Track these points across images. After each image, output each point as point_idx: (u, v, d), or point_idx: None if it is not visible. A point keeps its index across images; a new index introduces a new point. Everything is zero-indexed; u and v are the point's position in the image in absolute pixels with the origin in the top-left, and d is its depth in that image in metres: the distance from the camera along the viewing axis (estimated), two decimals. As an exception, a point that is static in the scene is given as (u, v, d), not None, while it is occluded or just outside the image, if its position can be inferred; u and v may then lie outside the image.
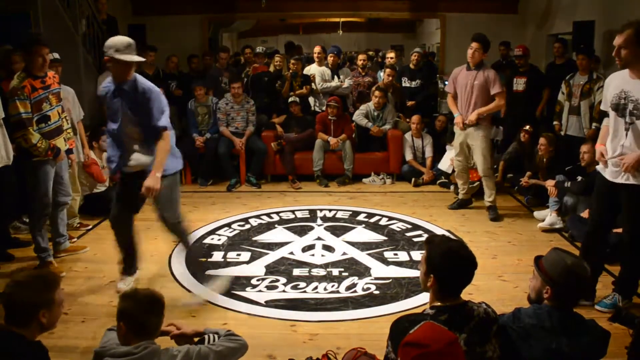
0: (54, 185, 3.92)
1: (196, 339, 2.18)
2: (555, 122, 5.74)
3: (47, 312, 1.93)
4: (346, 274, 3.87)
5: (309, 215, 5.21)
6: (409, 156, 6.57)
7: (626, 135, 3.02)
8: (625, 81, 3.00)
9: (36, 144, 3.61)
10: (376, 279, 3.78)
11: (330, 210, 5.35)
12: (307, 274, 3.86)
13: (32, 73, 3.64)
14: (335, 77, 6.93)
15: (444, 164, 6.25)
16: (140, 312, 1.92)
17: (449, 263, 1.89)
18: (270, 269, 3.95)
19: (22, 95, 3.55)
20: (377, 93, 6.50)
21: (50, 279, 2.01)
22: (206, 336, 2.14)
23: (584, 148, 4.62)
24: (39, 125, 3.68)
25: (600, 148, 3.25)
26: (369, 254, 4.21)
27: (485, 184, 5.14)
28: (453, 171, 6.03)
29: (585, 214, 4.42)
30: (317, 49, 7.27)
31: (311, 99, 7.07)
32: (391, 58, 7.52)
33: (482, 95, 4.89)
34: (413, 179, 6.38)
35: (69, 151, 4.08)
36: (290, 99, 6.75)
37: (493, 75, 4.90)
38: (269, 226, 4.90)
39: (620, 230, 3.84)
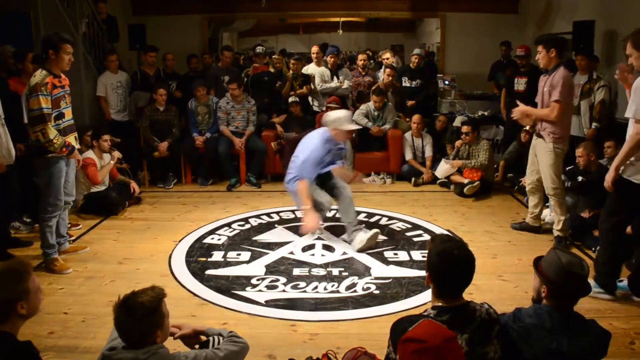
0: None
1: (202, 338, 2.19)
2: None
3: (24, 303, 1.89)
4: (346, 273, 3.87)
5: (309, 215, 5.20)
6: (408, 156, 6.57)
7: None
8: None
9: (53, 139, 3.72)
10: (376, 278, 3.78)
11: (330, 210, 5.34)
12: (307, 274, 3.86)
13: (51, 71, 3.77)
14: (335, 77, 6.93)
15: (439, 171, 6.13)
16: (123, 324, 1.87)
17: (442, 263, 1.89)
18: (270, 269, 3.95)
19: (45, 91, 3.68)
20: (374, 98, 6.48)
21: (20, 270, 1.95)
22: (211, 338, 2.14)
23: (578, 152, 4.62)
24: (56, 122, 3.80)
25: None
26: (369, 254, 4.21)
27: (553, 207, 4.45)
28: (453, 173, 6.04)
29: (585, 214, 4.42)
30: (314, 49, 7.28)
31: (309, 98, 7.07)
32: (387, 58, 7.52)
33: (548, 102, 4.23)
34: (413, 179, 6.37)
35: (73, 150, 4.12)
36: (290, 99, 6.75)
37: (557, 80, 4.11)
38: (269, 226, 4.90)
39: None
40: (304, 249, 4.32)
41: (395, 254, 4.23)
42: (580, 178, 4.62)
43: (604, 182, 3.27)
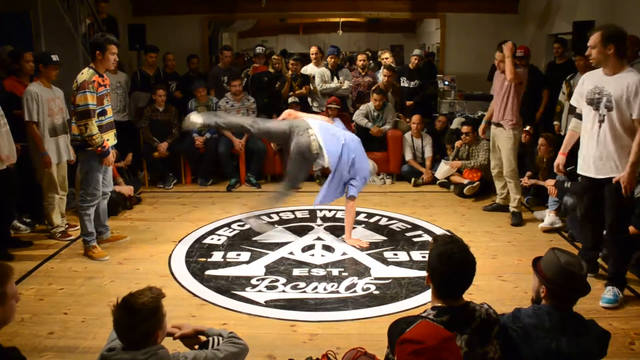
0: None
1: (202, 339, 2.19)
2: (555, 122, 5.74)
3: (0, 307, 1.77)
4: (346, 274, 3.87)
5: (308, 215, 5.21)
6: (408, 156, 6.57)
7: (600, 126, 3.32)
8: (599, 79, 3.33)
9: (94, 135, 3.94)
10: (376, 279, 3.78)
11: (330, 210, 5.35)
12: (307, 274, 3.86)
13: (97, 70, 4.01)
14: (335, 78, 6.93)
15: (439, 173, 6.16)
16: (124, 325, 1.85)
17: (443, 265, 1.88)
18: (270, 269, 3.95)
19: (92, 88, 3.93)
20: (375, 96, 6.50)
21: (0, 272, 1.82)
22: (210, 339, 2.14)
23: None
24: (99, 118, 4.03)
25: (560, 159, 3.77)
26: (368, 254, 4.21)
27: (509, 187, 5.08)
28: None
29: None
30: (313, 49, 7.28)
31: (308, 99, 7.06)
32: (386, 58, 7.52)
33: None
34: (413, 179, 6.38)
35: (114, 146, 4.34)
36: (290, 100, 6.75)
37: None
38: (269, 226, 4.90)
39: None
40: (304, 249, 4.32)
41: (395, 254, 4.23)
42: (580, 178, 4.61)
43: (623, 190, 3.24)
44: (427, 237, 4.56)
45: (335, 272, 3.90)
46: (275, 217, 5.14)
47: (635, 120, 3.17)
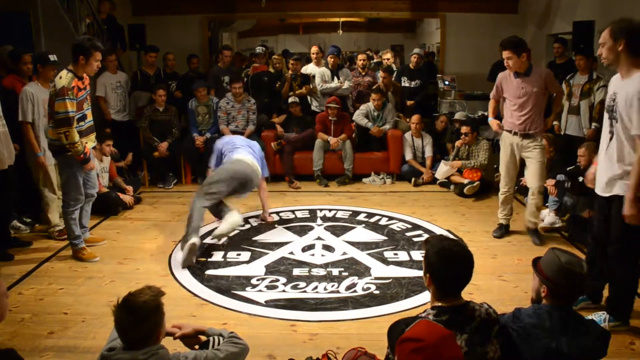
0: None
1: (202, 338, 2.19)
2: (554, 122, 5.73)
3: None
4: (346, 273, 3.87)
5: (308, 215, 5.21)
6: (408, 156, 6.57)
7: (610, 139, 2.87)
8: (616, 82, 2.89)
9: (76, 142, 3.84)
10: (376, 278, 3.78)
11: (330, 210, 5.36)
12: (307, 274, 3.86)
13: (77, 74, 3.86)
14: (335, 77, 6.93)
15: (439, 173, 6.15)
16: (125, 325, 1.85)
17: (443, 261, 1.89)
18: (270, 269, 3.95)
19: (72, 95, 3.79)
20: (373, 96, 6.51)
21: None
22: (211, 339, 2.14)
23: (580, 152, 4.61)
24: (78, 123, 3.91)
25: (593, 169, 3.23)
26: (369, 254, 4.21)
27: (536, 204, 4.44)
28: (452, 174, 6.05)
29: (585, 214, 4.42)
30: (314, 49, 7.29)
31: (308, 98, 7.07)
32: (387, 59, 7.52)
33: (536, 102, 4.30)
34: (413, 179, 6.38)
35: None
36: (290, 99, 6.75)
37: (549, 77, 4.34)
38: (269, 226, 4.90)
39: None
40: (304, 249, 4.32)
41: (395, 254, 4.23)
42: (581, 179, 4.62)
43: (626, 219, 2.75)
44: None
45: (335, 271, 3.90)
46: (276, 217, 5.14)
47: (635, 136, 2.67)
